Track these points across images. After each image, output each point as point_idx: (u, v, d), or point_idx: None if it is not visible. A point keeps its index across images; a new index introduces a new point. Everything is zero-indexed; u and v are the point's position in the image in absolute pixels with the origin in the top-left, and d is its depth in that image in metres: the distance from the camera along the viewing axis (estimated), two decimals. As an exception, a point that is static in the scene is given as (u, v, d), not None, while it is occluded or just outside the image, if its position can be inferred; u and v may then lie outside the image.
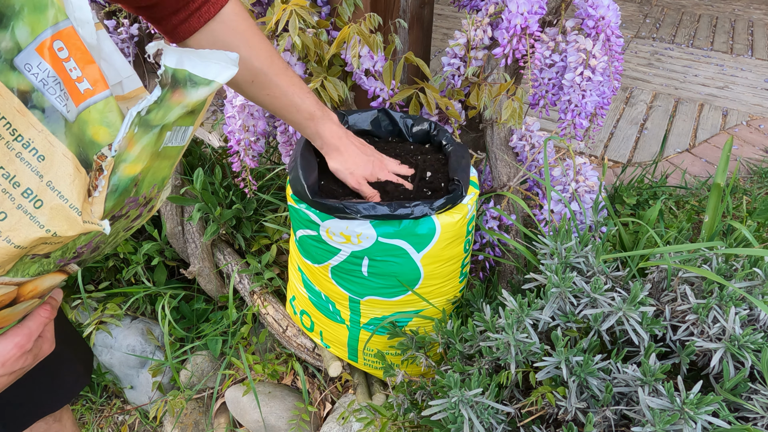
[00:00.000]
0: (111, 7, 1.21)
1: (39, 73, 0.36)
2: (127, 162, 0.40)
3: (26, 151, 0.36)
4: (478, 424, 0.65)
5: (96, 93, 0.38)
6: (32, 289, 0.43)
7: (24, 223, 0.36)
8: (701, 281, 0.76)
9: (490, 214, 1.10)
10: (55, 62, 0.37)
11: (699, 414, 0.56)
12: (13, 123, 0.35)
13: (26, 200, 0.36)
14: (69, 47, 0.37)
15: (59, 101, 0.37)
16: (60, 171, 0.37)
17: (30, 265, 0.40)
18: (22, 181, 0.36)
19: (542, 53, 0.96)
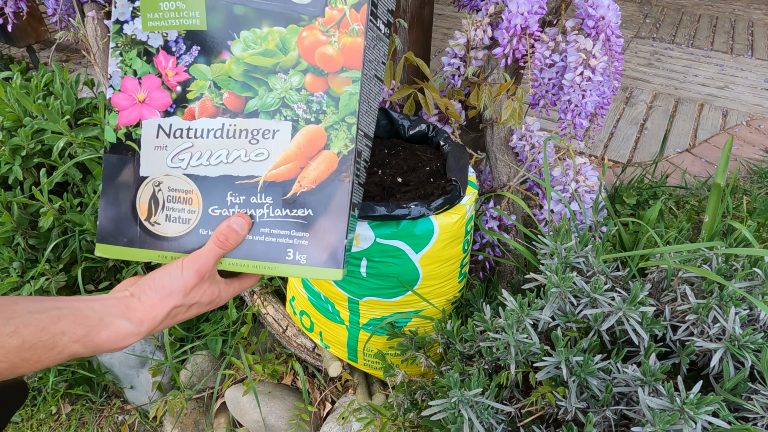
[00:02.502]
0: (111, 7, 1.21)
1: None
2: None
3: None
4: (478, 424, 0.65)
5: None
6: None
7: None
8: (701, 281, 0.76)
9: (490, 214, 1.10)
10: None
11: (699, 414, 0.56)
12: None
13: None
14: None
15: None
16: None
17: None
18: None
19: (542, 53, 0.96)
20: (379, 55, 0.56)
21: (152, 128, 0.57)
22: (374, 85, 0.56)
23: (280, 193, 0.54)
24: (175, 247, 0.57)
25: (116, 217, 0.58)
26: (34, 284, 1.17)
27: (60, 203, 1.18)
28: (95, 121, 1.23)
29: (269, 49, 0.54)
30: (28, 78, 1.39)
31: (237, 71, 0.55)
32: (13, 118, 1.24)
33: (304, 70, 0.53)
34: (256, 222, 0.55)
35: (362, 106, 0.54)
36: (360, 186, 0.57)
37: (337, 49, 0.52)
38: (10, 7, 1.22)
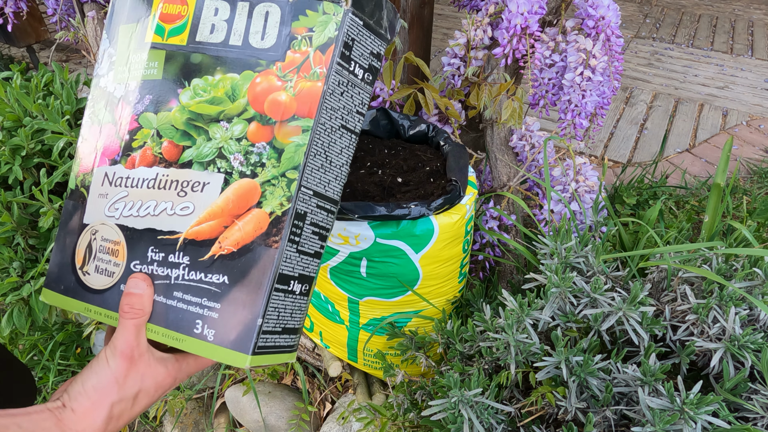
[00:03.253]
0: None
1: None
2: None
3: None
4: (478, 424, 0.65)
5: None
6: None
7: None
8: (701, 281, 0.76)
9: (490, 214, 1.10)
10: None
11: (699, 414, 0.56)
12: None
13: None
14: None
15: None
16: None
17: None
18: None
19: (542, 53, 0.96)
20: (351, 103, 0.49)
21: (100, 176, 0.55)
22: (339, 137, 0.49)
23: (198, 253, 0.48)
24: (99, 301, 0.52)
25: (60, 263, 0.56)
26: (34, 284, 1.17)
27: (60, 203, 1.18)
28: (95, 121, 1.23)
29: (217, 96, 0.50)
30: (28, 78, 1.39)
31: (180, 119, 0.51)
32: (13, 118, 1.24)
33: (250, 119, 0.48)
34: (171, 284, 0.49)
35: (314, 161, 0.47)
36: (304, 255, 0.49)
37: (292, 95, 0.47)
38: (10, 7, 1.22)
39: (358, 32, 0.47)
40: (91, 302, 0.53)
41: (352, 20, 0.46)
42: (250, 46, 0.49)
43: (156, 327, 0.49)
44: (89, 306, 0.53)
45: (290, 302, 0.49)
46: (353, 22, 0.47)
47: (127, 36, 0.56)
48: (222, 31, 0.50)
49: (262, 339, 0.46)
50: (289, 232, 0.46)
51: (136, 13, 0.55)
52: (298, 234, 0.47)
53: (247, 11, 0.50)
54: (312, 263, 0.50)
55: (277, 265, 0.46)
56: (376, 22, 0.49)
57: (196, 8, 0.52)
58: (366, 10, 0.48)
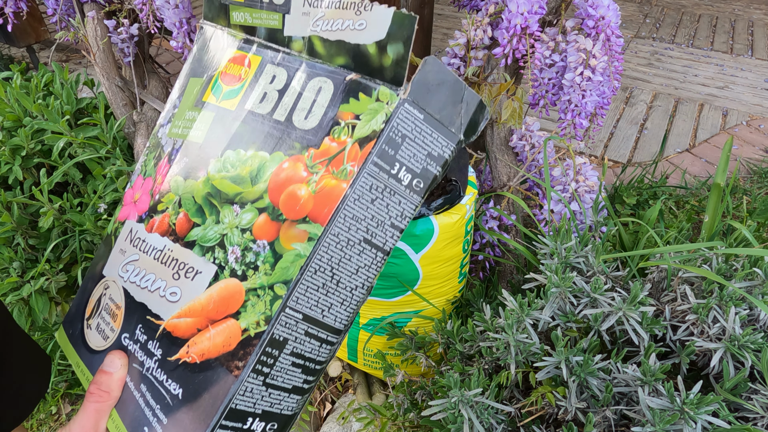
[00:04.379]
0: (111, 7, 1.21)
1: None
2: None
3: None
4: (478, 424, 0.65)
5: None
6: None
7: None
8: (701, 281, 0.76)
9: (490, 214, 1.10)
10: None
11: (699, 414, 0.56)
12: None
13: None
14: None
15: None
16: None
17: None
18: None
19: (542, 53, 0.96)
20: (384, 213, 0.39)
21: (126, 230, 0.50)
22: (358, 253, 0.39)
23: (169, 350, 0.41)
24: (87, 360, 0.47)
25: (78, 305, 0.52)
26: (34, 284, 1.17)
27: (60, 203, 1.18)
28: (95, 121, 1.23)
29: (241, 175, 0.43)
30: (28, 78, 1.39)
31: (201, 192, 0.45)
32: (13, 118, 1.24)
33: (262, 209, 0.40)
34: (143, 373, 0.42)
35: (313, 278, 0.37)
36: (273, 389, 0.39)
37: (312, 191, 0.38)
38: (10, 7, 1.22)
39: (413, 128, 0.38)
40: (83, 359, 0.48)
41: (408, 112, 0.38)
42: (292, 124, 0.42)
43: (116, 415, 0.42)
44: (79, 362, 0.48)
45: None
46: (409, 115, 0.38)
47: (192, 89, 0.51)
48: (271, 102, 0.44)
49: None
50: (256, 359, 0.37)
51: (206, 67, 0.51)
52: (269, 364, 0.38)
53: (302, 84, 0.42)
54: (287, 399, 0.40)
55: (231, 398, 0.37)
56: (446, 117, 0.39)
57: (256, 73, 0.46)
58: (432, 100, 0.38)
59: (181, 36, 1.08)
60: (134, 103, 1.28)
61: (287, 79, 0.44)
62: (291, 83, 0.43)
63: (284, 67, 0.44)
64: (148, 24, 1.10)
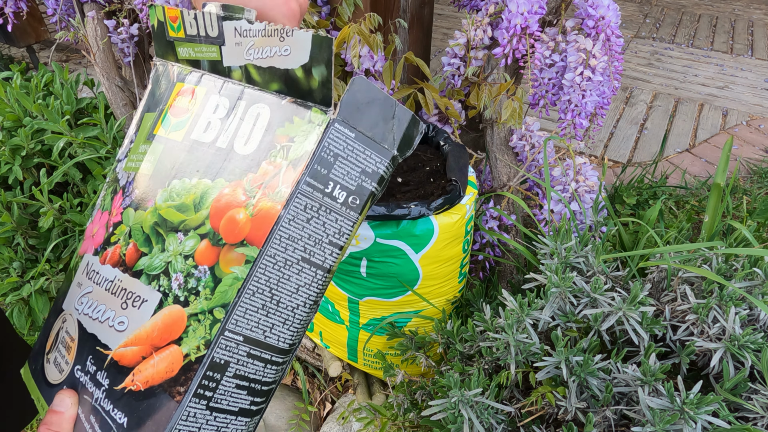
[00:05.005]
0: (111, 7, 1.21)
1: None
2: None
3: None
4: (478, 424, 0.65)
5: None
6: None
7: None
8: (701, 281, 0.76)
9: (490, 214, 1.10)
10: None
11: (699, 414, 0.56)
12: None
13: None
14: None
15: None
16: None
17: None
18: None
19: (542, 53, 0.96)
20: (321, 232, 0.39)
21: (84, 263, 0.50)
22: (297, 272, 0.39)
23: (115, 379, 0.41)
24: (46, 394, 0.47)
25: (41, 341, 0.52)
26: (34, 284, 1.17)
27: (60, 203, 1.18)
28: (95, 121, 1.23)
29: (185, 203, 0.43)
30: (28, 78, 1.39)
31: (149, 222, 0.46)
32: (13, 118, 1.24)
33: (204, 234, 0.41)
34: (92, 404, 0.42)
35: (251, 300, 0.38)
36: (218, 413, 0.39)
37: (249, 215, 0.39)
38: (10, 7, 1.22)
39: (345, 146, 0.39)
40: (43, 394, 0.47)
41: (339, 131, 0.38)
42: (233, 151, 0.43)
43: None
44: (40, 397, 0.47)
45: None
46: (340, 134, 0.38)
47: (146, 124, 0.52)
48: (214, 130, 0.45)
49: None
50: (197, 384, 0.37)
51: (158, 102, 0.51)
52: (211, 388, 0.38)
53: (242, 111, 0.43)
54: (235, 422, 0.40)
55: (174, 424, 0.37)
56: (378, 134, 0.40)
57: (201, 103, 0.47)
58: (363, 119, 0.39)
59: (181, 36, 1.08)
60: (134, 103, 1.28)
61: (230, 107, 0.45)
62: (233, 111, 0.44)
63: (226, 96, 0.45)
64: (148, 24, 1.10)
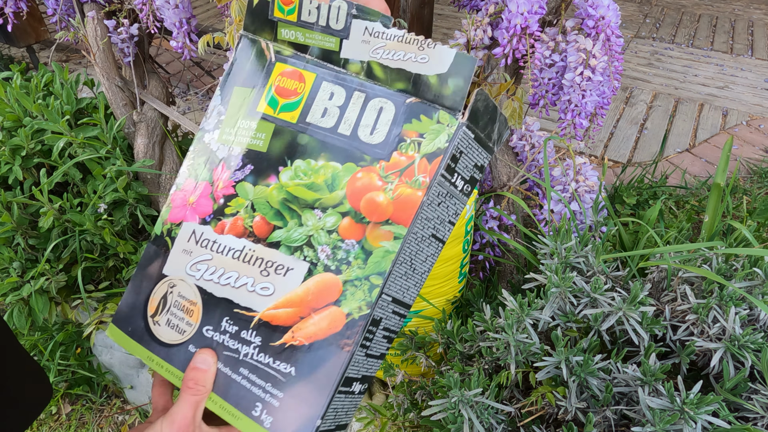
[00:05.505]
0: (111, 7, 1.21)
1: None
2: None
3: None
4: (478, 424, 0.65)
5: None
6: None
7: None
8: (701, 281, 0.76)
9: (490, 214, 1.10)
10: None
11: (699, 414, 0.56)
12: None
13: None
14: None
15: None
16: None
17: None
18: None
19: (542, 53, 0.96)
20: (445, 213, 0.49)
21: (188, 231, 0.55)
22: (427, 245, 0.49)
23: (270, 337, 0.48)
24: (164, 354, 0.53)
25: (132, 305, 0.57)
26: (34, 284, 1.17)
27: (60, 203, 1.18)
28: (95, 121, 1.23)
29: (316, 183, 0.49)
30: (28, 78, 1.39)
31: (276, 198, 0.51)
32: (13, 118, 1.24)
33: (344, 213, 0.48)
34: (239, 359, 0.49)
35: (399, 269, 0.46)
36: (371, 358, 0.49)
37: (390, 198, 0.46)
38: (10, 7, 1.22)
39: (467, 145, 0.46)
40: (155, 352, 0.53)
41: (465, 134, 0.45)
42: (358, 139, 0.49)
43: (216, 397, 0.49)
44: (152, 356, 0.54)
45: (348, 402, 0.48)
46: (465, 136, 0.46)
47: (239, 99, 0.56)
48: (333, 117, 0.50)
49: None
50: (362, 337, 0.46)
51: (253, 79, 0.55)
52: (369, 339, 0.47)
53: (362, 102, 0.49)
54: (376, 364, 0.50)
55: (345, 369, 0.45)
56: (487, 135, 0.48)
57: (312, 88, 0.52)
58: (480, 123, 0.46)
59: (181, 36, 1.08)
60: (134, 103, 1.28)
61: (346, 97, 0.50)
62: (350, 101, 0.50)
63: (341, 85, 0.50)
64: (148, 24, 1.10)
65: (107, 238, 1.18)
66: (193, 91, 2.49)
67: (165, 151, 1.28)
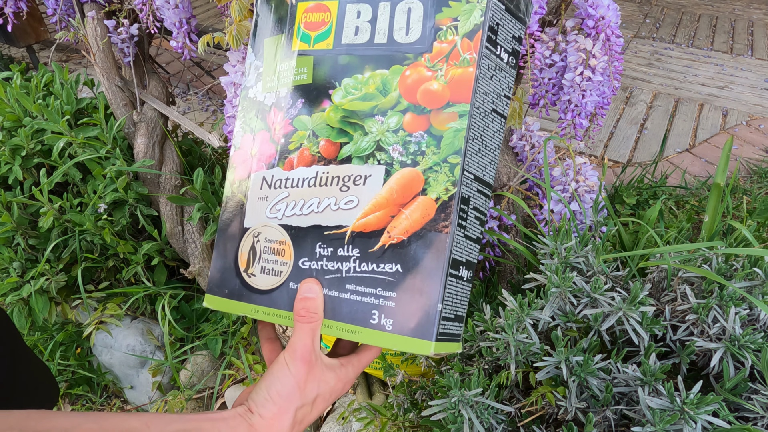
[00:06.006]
0: (111, 7, 1.21)
1: None
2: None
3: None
4: (478, 424, 0.65)
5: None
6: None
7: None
8: (701, 281, 0.76)
9: (490, 214, 1.10)
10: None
11: (699, 414, 0.56)
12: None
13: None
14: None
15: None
16: None
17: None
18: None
19: (542, 53, 0.96)
20: (499, 87, 0.50)
21: (258, 180, 0.56)
22: (492, 121, 0.49)
23: (367, 245, 0.48)
24: (267, 301, 0.54)
25: (222, 268, 0.58)
26: (34, 284, 1.17)
27: (60, 203, 1.18)
28: (95, 121, 1.23)
29: (369, 92, 0.51)
30: (28, 78, 1.39)
31: (335, 118, 0.52)
32: (13, 118, 1.24)
33: (404, 110, 0.49)
34: (342, 277, 0.49)
35: (472, 145, 0.47)
36: (469, 240, 0.49)
37: (443, 83, 0.47)
38: (10, 7, 1.22)
39: (501, 17, 0.48)
40: (258, 303, 0.54)
41: (496, 5, 0.47)
42: (396, 42, 0.50)
43: (331, 322, 0.49)
44: (256, 307, 0.54)
45: (460, 288, 0.48)
46: (497, 8, 0.47)
47: (272, 48, 0.58)
48: (366, 32, 0.52)
49: (442, 326, 0.46)
50: (457, 216, 0.46)
51: (279, 26, 0.57)
52: (464, 218, 0.48)
53: (389, 10, 0.51)
54: (475, 248, 0.50)
55: (450, 250, 0.46)
56: (516, 6, 0.50)
57: (338, 14, 0.53)
58: None
59: (181, 36, 1.08)
60: (134, 103, 1.28)
61: (372, 10, 0.52)
62: (378, 12, 0.51)
63: (365, 2, 0.52)
64: (148, 24, 1.10)
65: (107, 238, 1.18)
66: (193, 91, 2.49)
67: (165, 151, 1.28)
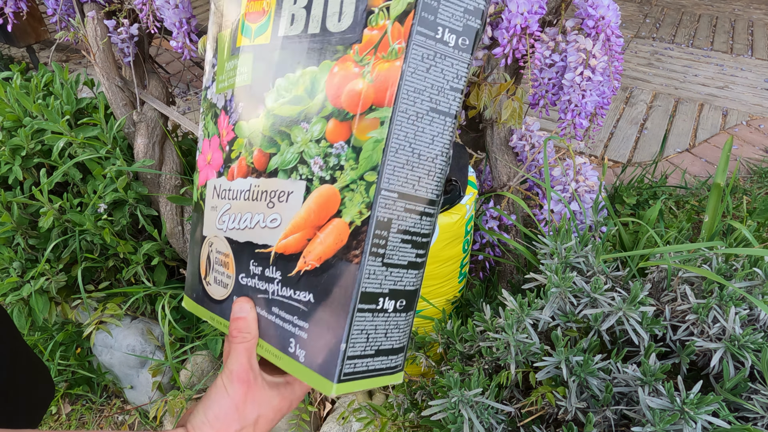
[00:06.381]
0: (111, 7, 1.21)
1: None
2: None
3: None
4: (478, 424, 0.65)
5: None
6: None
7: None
8: (701, 281, 0.76)
9: (490, 214, 1.10)
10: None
11: (699, 414, 0.56)
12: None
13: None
14: None
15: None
16: None
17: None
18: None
19: (542, 53, 0.96)
20: (441, 79, 0.40)
21: (210, 188, 0.54)
22: (429, 123, 0.40)
23: (287, 268, 0.45)
24: (219, 311, 0.52)
25: (191, 272, 0.57)
26: (34, 284, 1.17)
27: (60, 203, 1.18)
28: (95, 121, 1.23)
29: (298, 95, 0.44)
30: (28, 78, 1.39)
31: (266, 125, 0.47)
32: (13, 118, 1.24)
33: (328, 116, 0.42)
34: (269, 298, 0.46)
35: (397, 157, 0.39)
36: (394, 268, 0.42)
37: (369, 81, 0.39)
38: (10, 7, 1.22)
39: None
40: (214, 311, 0.53)
41: None
42: (328, 32, 0.43)
43: (261, 342, 0.47)
44: (213, 315, 0.53)
45: (382, 321, 0.43)
46: None
47: (224, 43, 0.53)
48: (301, 21, 0.45)
49: (349, 365, 0.41)
50: (370, 243, 0.40)
51: (230, 18, 0.52)
52: (382, 245, 0.41)
53: None
54: (407, 275, 0.43)
55: (359, 283, 0.40)
56: None
57: (277, 1, 0.47)
58: None
59: (181, 36, 1.08)
60: (134, 103, 1.28)
61: None
62: None
63: None
64: (148, 24, 1.10)
65: (107, 238, 1.18)
66: (193, 91, 2.49)
67: (165, 151, 1.28)
